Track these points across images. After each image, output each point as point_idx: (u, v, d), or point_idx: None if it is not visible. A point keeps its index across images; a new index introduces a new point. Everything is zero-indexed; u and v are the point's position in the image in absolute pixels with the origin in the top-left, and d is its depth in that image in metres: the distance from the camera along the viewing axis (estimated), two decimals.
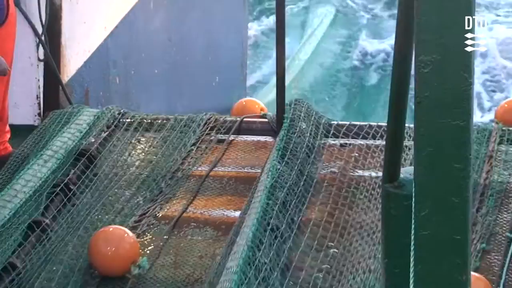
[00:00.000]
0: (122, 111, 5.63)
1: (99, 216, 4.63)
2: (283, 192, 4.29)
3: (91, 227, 4.53)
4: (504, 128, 5.01)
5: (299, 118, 5.01)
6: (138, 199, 4.80)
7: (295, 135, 4.83)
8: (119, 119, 5.53)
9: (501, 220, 4.26)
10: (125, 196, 4.83)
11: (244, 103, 5.99)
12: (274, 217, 4.06)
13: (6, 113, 5.19)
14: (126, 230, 4.33)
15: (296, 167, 4.57)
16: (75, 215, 4.62)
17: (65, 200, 4.71)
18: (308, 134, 4.94)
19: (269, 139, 5.47)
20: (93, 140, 5.19)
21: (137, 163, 5.15)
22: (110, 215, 4.64)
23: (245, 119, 5.57)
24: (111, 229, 4.33)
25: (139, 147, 5.40)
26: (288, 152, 4.64)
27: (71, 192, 4.75)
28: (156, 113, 5.88)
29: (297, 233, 4.12)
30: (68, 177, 4.81)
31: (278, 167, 4.46)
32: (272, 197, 4.18)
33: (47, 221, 4.47)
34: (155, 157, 5.20)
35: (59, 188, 4.71)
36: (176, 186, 4.95)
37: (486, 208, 4.28)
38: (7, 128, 5.25)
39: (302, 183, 4.51)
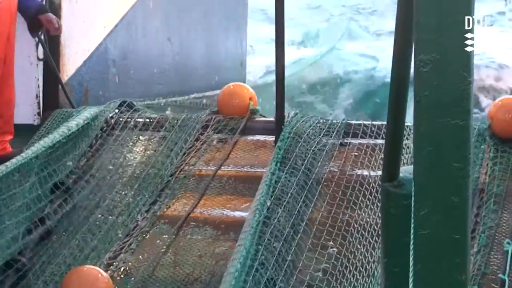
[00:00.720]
0: (115, 115, 5.51)
1: (74, 253, 4.46)
2: (272, 237, 4.07)
3: (64, 265, 4.37)
4: (497, 139, 4.87)
5: (295, 150, 4.79)
6: (115, 233, 4.57)
7: (287, 168, 4.59)
8: (112, 126, 5.41)
9: (493, 259, 4.05)
10: (102, 230, 4.62)
11: (231, 87, 5.77)
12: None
13: (6, 111, 5.12)
14: (100, 270, 4.14)
15: (287, 204, 4.34)
16: (51, 253, 4.46)
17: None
18: (303, 167, 4.68)
19: (268, 138, 5.48)
20: (71, 164, 4.92)
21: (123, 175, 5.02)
22: (85, 252, 4.47)
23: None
24: (84, 268, 4.13)
25: (132, 152, 5.39)
26: (280, 185, 4.43)
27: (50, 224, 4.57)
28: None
29: (286, 273, 3.96)
30: (44, 212, 4.61)
31: (268, 203, 4.24)
32: (260, 240, 3.97)
33: (24, 260, 4.34)
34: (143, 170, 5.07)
35: (39, 220, 4.53)
36: (178, 186, 4.95)
37: (477, 247, 4.08)
38: (9, 128, 5.18)
39: (292, 222, 4.28)
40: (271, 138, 5.38)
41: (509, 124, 4.96)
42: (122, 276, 4.30)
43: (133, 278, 4.14)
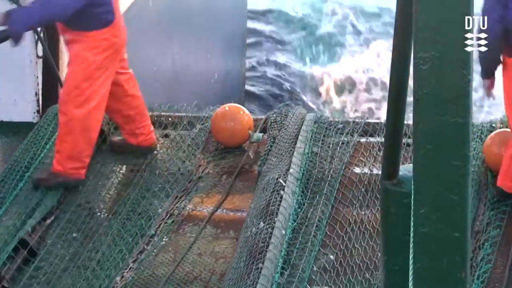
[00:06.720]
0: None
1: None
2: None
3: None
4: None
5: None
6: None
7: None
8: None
9: None
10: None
11: (227, 108, 5.38)
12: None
13: (137, 108, 5.14)
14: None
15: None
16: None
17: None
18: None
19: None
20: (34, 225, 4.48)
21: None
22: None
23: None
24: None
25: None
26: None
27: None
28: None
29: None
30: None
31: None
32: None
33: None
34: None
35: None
36: (179, 185, 4.95)
37: None
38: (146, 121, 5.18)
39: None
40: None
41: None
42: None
43: (134, 277, 4.14)
